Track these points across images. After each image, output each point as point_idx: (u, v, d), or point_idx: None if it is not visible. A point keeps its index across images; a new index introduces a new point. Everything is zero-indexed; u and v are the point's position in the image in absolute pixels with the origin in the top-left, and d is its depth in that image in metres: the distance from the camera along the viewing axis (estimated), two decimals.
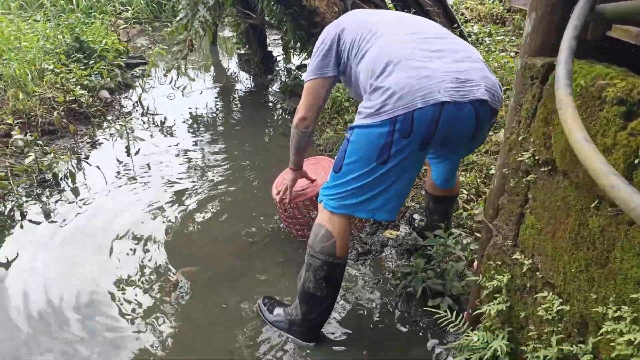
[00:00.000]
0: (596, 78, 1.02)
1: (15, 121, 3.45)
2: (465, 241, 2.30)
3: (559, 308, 1.16)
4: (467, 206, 2.64)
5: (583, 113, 1.04)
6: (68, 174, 3.09)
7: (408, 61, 1.55)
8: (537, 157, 1.22)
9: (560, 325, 1.17)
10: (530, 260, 1.28)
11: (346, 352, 1.87)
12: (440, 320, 1.62)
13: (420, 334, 1.96)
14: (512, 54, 4.48)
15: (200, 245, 2.53)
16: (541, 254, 1.25)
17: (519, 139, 1.28)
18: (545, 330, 1.21)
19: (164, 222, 2.72)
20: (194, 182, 3.17)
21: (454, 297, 2.03)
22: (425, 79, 1.51)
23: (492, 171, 2.87)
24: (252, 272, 2.32)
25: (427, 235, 2.17)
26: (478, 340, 1.42)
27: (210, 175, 3.27)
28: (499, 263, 1.42)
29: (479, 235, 2.34)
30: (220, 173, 3.32)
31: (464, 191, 2.75)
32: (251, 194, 3.06)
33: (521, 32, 4.77)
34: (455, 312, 1.96)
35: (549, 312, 1.18)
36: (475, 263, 1.63)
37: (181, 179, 3.20)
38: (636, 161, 0.92)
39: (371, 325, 2.00)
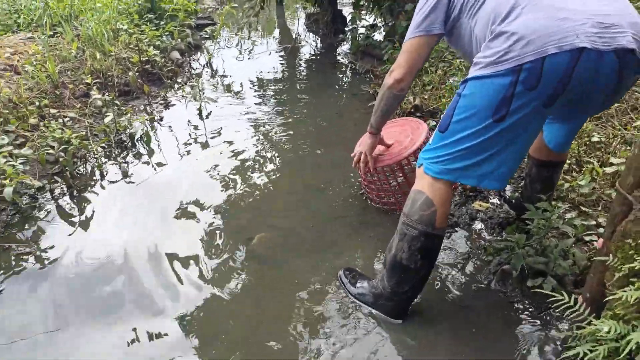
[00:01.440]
0: None
1: (94, 81, 3.49)
2: (568, 216, 2.04)
3: None
4: (567, 177, 2.36)
5: None
6: (144, 135, 3.09)
7: (540, 1, 1.31)
8: None
9: None
10: None
11: (436, 331, 1.72)
12: (551, 304, 1.43)
13: (520, 315, 1.76)
14: None
15: (273, 213, 2.44)
16: None
17: None
18: None
19: (236, 187, 2.65)
20: (265, 148, 3.08)
21: (558, 278, 1.81)
22: (560, 21, 1.28)
23: (595, 139, 2.54)
24: (328, 243, 2.20)
25: (528, 207, 1.93)
26: (609, 331, 1.22)
27: (282, 141, 3.16)
28: None
29: (585, 209, 2.07)
30: (292, 139, 3.20)
31: None
32: (326, 159, 2.93)
33: None
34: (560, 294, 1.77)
35: None
36: (600, 240, 1.40)
37: (252, 144, 3.12)
38: None
39: (461, 305, 1.82)
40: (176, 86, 4.03)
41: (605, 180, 2.23)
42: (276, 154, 2.99)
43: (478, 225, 2.24)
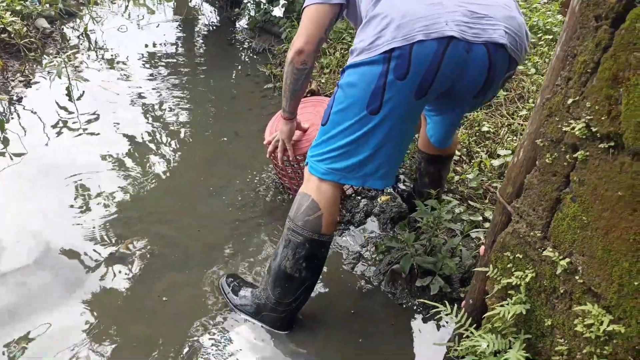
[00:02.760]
0: None
1: None
2: (457, 210, 2.02)
3: (609, 328, 0.89)
4: (457, 169, 2.36)
5: None
6: None
7: None
8: (593, 129, 0.91)
9: (607, 348, 0.92)
10: (567, 260, 1.00)
11: (325, 339, 1.61)
12: (435, 312, 1.37)
13: (409, 319, 1.71)
14: None
15: (154, 215, 2.17)
16: (584, 254, 0.97)
17: (567, 102, 0.96)
18: (584, 350, 0.96)
19: (112, 183, 2.33)
20: (150, 137, 2.75)
21: (446, 277, 1.78)
22: (431, 5, 1.21)
23: (485, 128, 2.58)
24: (216, 251, 2.00)
25: (417, 204, 1.88)
26: (488, 347, 1.17)
27: (170, 129, 2.84)
28: (520, 256, 1.14)
29: (473, 204, 2.07)
30: (181, 123, 2.90)
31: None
32: (216, 146, 2.68)
33: None
34: (447, 294, 1.75)
35: (593, 330, 0.92)
36: (482, 248, 1.35)
37: (135, 132, 2.77)
38: None
39: (352, 310, 1.73)
40: (45, 60, 3.48)
41: (493, 172, 2.25)
42: (163, 145, 2.67)
43: (372, 222, 2.16)
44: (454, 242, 1.80)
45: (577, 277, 0.99)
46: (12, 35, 3.32)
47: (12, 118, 2.82)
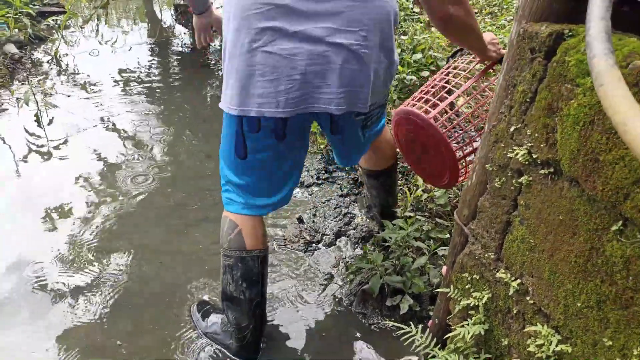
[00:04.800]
0: (630, 56, 0.74)
1: None
2: (425, 228, 2.06)
3: (557, 348, 0.92)
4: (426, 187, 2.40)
5: None
6: None
7: (243, 25, 1.21)
8: (534, 156, 0.94)
9: None
10: (518, 281, 1.03)
11: None
12: (401, 334, 1.38)
13: (379, 342, 1.72)
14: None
15: (131, 233, 2.15)
16: (533, 276, 1.00)
17: (511, 129, 1.00)
18: None
19: (83, 202, 2.31)
20: (121, 156, 2.74)
21: (415, 296, 1.80)
22: (260, 77, 1.22)
23: None
24: (192, 262, 1.99)
25: (385, 224, 1.90)
26: None
27: (141, 147, 2.84)
28: (477, 277, 1.17)
29: (440, 221, 2.11)
30: (153, 145, 2.89)
31: None
32: (191, 170, 2.68)
33: None
34: (417, 312, 1.77)
35: (544, 350, 0.95)
36: (445, 268, 1.37)
37: (107, 153, 2.75)
38: None
39: (323, 333, 1.74)
40: (14, 87, 3.44)
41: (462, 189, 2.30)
42: (130, 170, 2.66)
43: (342, 241, 2.18)
44: (422, 261, 1.82)
45: (528, 298, 1.02)
46: None
47: None
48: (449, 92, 1.50)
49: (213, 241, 2.13)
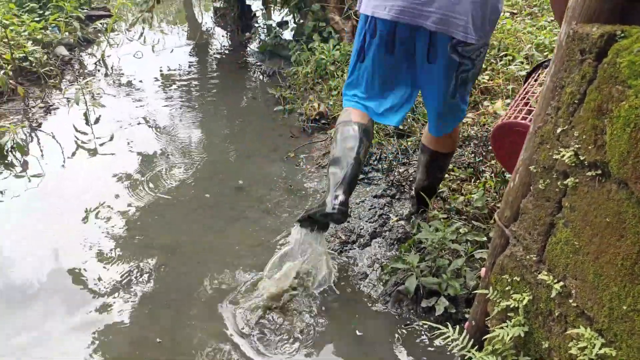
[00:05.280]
0: None
1: None
2: (461, 230, 2.05)
3: (601, 351, 0.91)
4: (462, 189, 2.39)
5: None
6: (15, 146, 2.72)
7: None
8: (581, 157, 0.94)
9: None
10: (561, 284, 1.03)
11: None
12: (441, 333, 1.39)
13: (415, 342, 1.72)
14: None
15: (168, 230, 2.23)
16: (577, 278, 0.99)
17: (557, 131, 1.00)
18: None
19: (126, 198, 2.41)
20: (162, 153, 2.84)
21: (451, 298, 1.80)
22: None
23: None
24: (228, 260, 2.05)
25: (422, 225, 1.91)
26: None
27: (181, 146, 2.94)
28: (517, 279, 1.17)
29: (477, 224, 2.09)
30: (193, 143, 2.98)
31: (456, 170, 2.47)
32: (228, 169, 2.74)
33: None
34: (452, 314, 1.76)
35: (586, 353, 0.94)
36: (484, 270, 1.37)
37: (149, 150, 2.87)
38: None
39: (358, 332, 1.75)
40: (64, 86, 3.62)
41: (500, 192, 2.27)
42: (169, 168, 2.75)
43: (378, 242, 2.19)
44: (458, 263, 1.82)
45: (570, 301, 1.01)
46: (33, 63, 3.46)
47: (32, 142, 2.94)
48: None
49: (249, 239, 2.18)
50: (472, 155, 2.56)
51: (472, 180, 2.44)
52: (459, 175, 2.48)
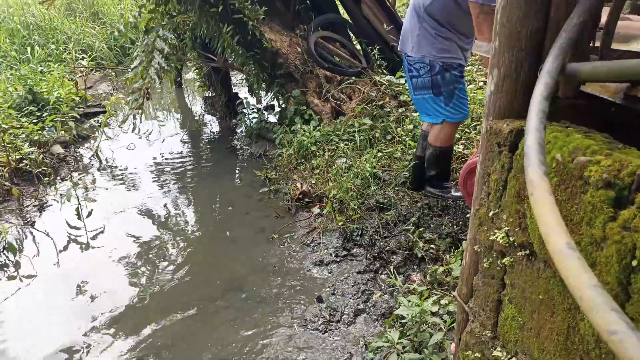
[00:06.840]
0: (575, 152, 0.84)
1: None
2: (442, 302, 2.07)
3: None
4: (443, 257, 2.44)
5: (562, 194, 0.86)
6: (7, 246, 2.80)
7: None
8: (511, 238, 1.03)
9: None
10: (514, 359, 1.07)
11: None
12: None
13: None
14: (481, 84, 4.38)
15: (163, 315, 2.26)
16: (526, 354, 1.04)
17: (490, 213, 1.09)
18: None
19: (118, 289, 2.45)
20: (156, 243, 2.91)
21: None
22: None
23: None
24: (215, 330, 2.06)
25: (400, 301, 1.95)
26: None
27: (174, 234, 3.02)
28: (478, 355, 1.21)
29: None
30: (184, 228, 3.07)
31: (437, 241, 2.54)
32: (215, 253, 2.81)
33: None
34: None
35: None
36: (453, 346, 1.41)
37: (141, 241, 2.95)
38: (634, 263, 0.72)
39: None
40: (58, 184, 3.77)
41: None
42: (165, 259, 2.82)
43: (362, 318, 2.21)
44: (438, 337, 1.83)
45: None
46: (28, 165, 3.63)
47: (26, 240, 3.02)
48: None
49: (241, 331, 2.20)
50: (450, 224, 2.64)
51: (452, 250, 2.50)
52: (439, 245, 2.54)
